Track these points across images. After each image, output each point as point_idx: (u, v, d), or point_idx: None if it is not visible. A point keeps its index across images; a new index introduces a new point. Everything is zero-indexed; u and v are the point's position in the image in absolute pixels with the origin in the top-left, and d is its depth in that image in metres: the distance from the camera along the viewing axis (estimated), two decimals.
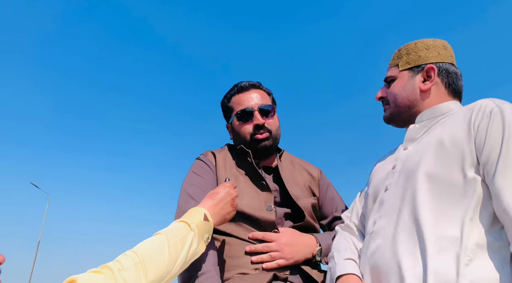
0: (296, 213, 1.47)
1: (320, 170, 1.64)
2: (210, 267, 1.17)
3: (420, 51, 1.25)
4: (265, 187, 1.43)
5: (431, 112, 1.19)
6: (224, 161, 1.50)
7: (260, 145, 1.48)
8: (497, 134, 0.96)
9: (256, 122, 1.48)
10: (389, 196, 1.13)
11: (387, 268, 1.00)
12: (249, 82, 1.57)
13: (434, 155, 1.04)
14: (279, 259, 1.28)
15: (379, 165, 1.36)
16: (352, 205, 1.42)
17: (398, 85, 1.27)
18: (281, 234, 1.34)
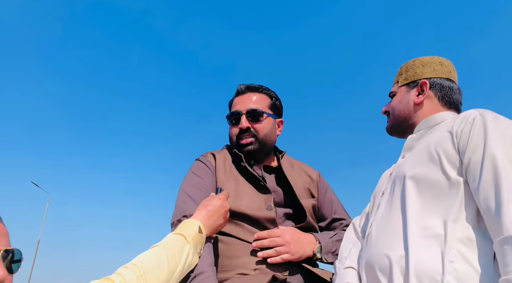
0: (297, 213, 1.48)
1: (318, 172, 1.65)
2: (207, 267, 1.17)
3: (416, 68, 1.36)
4: (264, 187, 1.43)
5: (427, 122, 1.27)
6: (223, 162, 1.51)
7: (244, 149, 1.49)
8: (479, 138, 1.02)
9: (240, 126, 1.49)
10: (383, 200, 1.23)
11: (379, 265, 1.06)
12: (246, 85, 1.57)
13: (420, 159, 1.13)
14: (284, 253, 1.29)
15: (385, 173, 1.44)
16: (363, 211, 1.48)
17: (396, 99, 1.38)
18: (285, 230, 1.35)
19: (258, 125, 1.50)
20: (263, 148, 1.51)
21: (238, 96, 1.57)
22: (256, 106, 1.51)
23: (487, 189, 0.96)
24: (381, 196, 1.25)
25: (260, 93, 1.57)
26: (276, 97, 1.61)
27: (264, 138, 1.51)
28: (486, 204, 0.95)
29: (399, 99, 1.37)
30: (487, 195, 0.95)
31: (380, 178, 1.46)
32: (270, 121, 1.55)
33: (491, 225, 0.94)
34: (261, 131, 1.50)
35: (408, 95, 1.35)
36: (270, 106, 1.57)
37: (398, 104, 1.37)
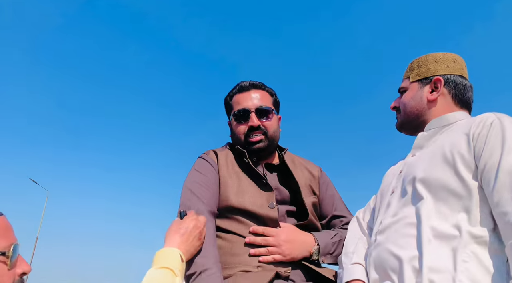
0: (299, 211, 1.48)
1: (320, 168, 1.65)
2: (212, 264, 1.18)
3: (429, 64, 1.32)
4: (266, 185, 1.43)
5: (439, 122, 1.25)
6: (226, 159, 1.51)
7: (254, 146, 1.49)
8: (496, 143, 1.02)
9: (251, 124, 1.48)
10: (394, 198, 1.21)
11: (389, 264, 1.07)
12: (250, 82, 1.57)
13: (434, 161, 1.12)
14: (276, 254, 1.30)
15: (391, 169, 1.44)
16: (368, 204, 1.48)
17: (408, 95, 1.35)
18: (281, 230, 1.36)
19: (267, 123, 1.51)
20: (271, 145, 1.52)
21: (242, 93, 1.56)
22: (264, 103, 1.52)
23: (501, 193, 0.96)
24: (391, 194, 1.24)
25: (263, 90, 1.57)
26: (275, 94, 1.62)
27: (273, 135, 1.52)
28: (500, 207, 0.96)
29: (411, 96, 1.34)
30: (500, 199, 0.96)
31: (385, 175, 1.46)
32: (276, 118, 1.57)
33: (504, 228, 0.95)
34: (271, 128, 1.51)
35: (421, 92, 1.32)
36: (273, 103, 1.58)
37: (410, 101, 1.34)
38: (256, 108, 1.49)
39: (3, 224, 0.89)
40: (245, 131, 1.50)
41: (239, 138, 1.52)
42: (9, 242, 0.88)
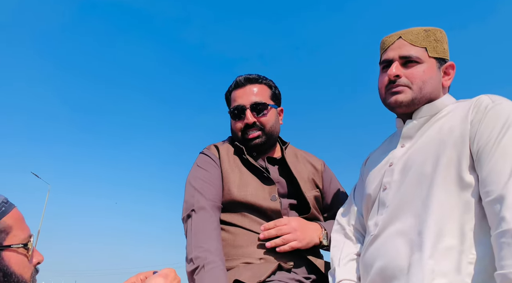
0: (301, 204, 1.48)
1: (323, 162, 1.64)
2: (215, 257, 1.19)
3: (444, 43, 1.20)
4: (267, 178, 1.43)
5: (429, 109, 1.16)
6: (227, 154, 1.51)
7: (251, 143, 1.47)
8: (489, 127, 0.99)
9: (246, 121, 1.46)
10: (390, 196, 1.13)
11: (392, 267, 1.02)
12: (245, 77, 1.53)
13: (434, 153, 1.06)
14: (292, 241, 1.30)
15: (372, 160, 1.33)
16: (346, 204, 1.41)
17: (429, 72, 1.16)
18: (292, 218, 1.37)
19: (264, 119, 1.48)
20: (269, 140, 1.50)
21: (238, 89, 1.53)
22: (259, 99, 1.49)
23: (492, 181, 0.94)
24: (383, 190, 1.16)
25: (260, 84, 1.54)
26: (275, 86, 1.58)
27: (271, 130, 1.49)
28: (489, 195, 0.93)
29: (431, 74, 1.16)
30: (491, 188, 0.93)
31: (364, 167, 1.38)
32: (274, 112, 1.53)
33: (491, 217, 0.92)
34: (267, 124, 1.48)
35: (439, 74, 1.19)
36: (271, 96, 1.54)
37: (430, 80, 1.16)
38: (251, 105, 1.47)
39: (18, 216, 0.89)
40: (242, 128, 1.48)
41: (237, 135, 1.51)
42: (27, 233, 0.88)
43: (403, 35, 1.18)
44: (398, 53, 1.17)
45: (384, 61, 1.21)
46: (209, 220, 1.30)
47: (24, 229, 0.89)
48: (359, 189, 1.37)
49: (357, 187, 1.40)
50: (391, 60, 1.18)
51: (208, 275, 1.14)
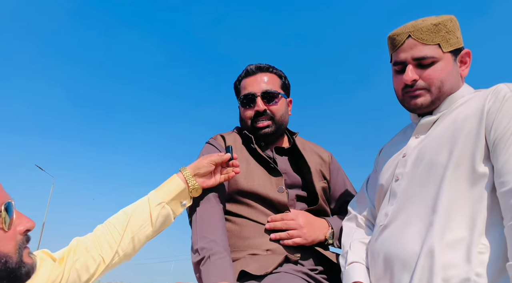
0: (309, 195, 1.46)
1: (330, 153, 1.62)
2: (221, 248, 1.18)
3: (457, 32, 1.14)
4: (274, 169, 1.41)
5: (449, 102, 1.13)
6: (234, 144, 1.49)
7: (260, 132, 1.45)
8: (507, 117, 0.96)
9: (257, 108, 1.45)
10: (402, 187, 1.11)
11: (399, 258, 1.02)
12: (256, 66, 1.52)
13: (450, 147, 1.03)
14: (296, 237, 1.29)
15: (386, 151, 1.32)
16: (359, 194, 1.41)
17: (445, 69, 1.11)
18: (299, 214, 1.35)
19: (274, 107, 1.46)
20: (278, 130, 1.48)
21: (248, 77, 1.52)
22: (270, 87, 1.47)
23: (508, 171, 0.92)
24: (395, 181, 1.15)
25: (271, 73, 1.52)
26: (285, 76, 1.56)
27: (280, 120, 1.47)
28: (505, 186, 0.91)
29: (448, 70, 1.12)
30: (507, 178, 0.91)
31: (378, 158, 1.37)
32: (284, 102, 1.52)
33: (506, 208, 0.91)
34: (278, 113, 1.46)
35: (456, 67, 1.14)
36: (281, 86, 1.53)
37: (448, 77, 1.12)
38: (262, 93, 1.45)
39: None
40: (252, 117, 1.46)
41: (246, 123, 1.49)
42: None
43: (412, 34, 1.12)
44: (411, 55, 1.12)
45: (396, 63, 1.16)
46: (214, 210, 1.29)
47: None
48: (372, 180, 1.36)
49: (370, 178, 1.39)
50: (404, 62, 1.14)
51: (214, 265, 1.12)
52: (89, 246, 1.09)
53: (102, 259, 1.09)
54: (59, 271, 1.02)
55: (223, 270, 1.11)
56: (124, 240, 1.13)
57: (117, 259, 1.12)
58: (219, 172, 1.32)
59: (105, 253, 1.10)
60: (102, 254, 1.09)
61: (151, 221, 1.17)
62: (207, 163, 1.27)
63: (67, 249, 1.08)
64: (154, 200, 1.20)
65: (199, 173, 1.26)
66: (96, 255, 1.08)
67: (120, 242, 1.12)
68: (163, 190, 1.23)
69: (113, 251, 1.11)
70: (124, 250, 1.13)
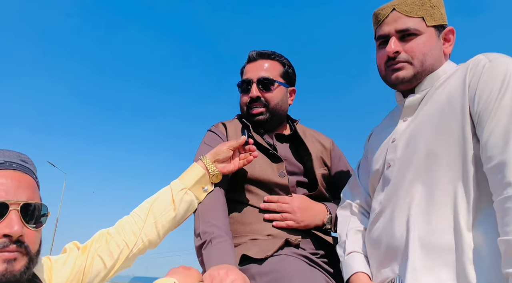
0: (309, 181, 1.47)
1: (332, 140, 1.62)
2: (222, 232, 1.20)
3: (441, 8, 1.14)
4: (275, 155, 1.42)
5: (431, 80, 1.12)
6: (235, 131, 1.50)
7: (254, 119, 1.46)
8: (488, 87, 0.95)
9: (250, 95, 1.45)
10: (393, 173, 1.10)
11: (395, 245, 1.02)
12: (258, 52, 1.52)
13: (439, 129, 1.02)
14: (290, 220, 1.31)
15: (376, 136, 1.30)
16: (351, 181, 1.40)
17: (428, 43, 1.11)
18: (295, 198, 1.36)
19: (269, 95, 1.46)
20: (273, 117, 1.48)
21: (249, 63, 1.52)
22: (267, 74, 1.47)
23: (494, 145, 0.90)
24: (387, 168, 1.13)
25: (272, 60, 1.52)
26: (289, 65, 1.55)
27: (275, 107, 1.47)
28: (492, 161, 0.90)
29: (431, 45, 1.11)
30: (493, 153, 0.90)
31: (368, 143, 1.36)
32: (282, 90, 1.51)
33: (494, 183, 0.89)
34: (272, 100, 1.46)
35: (439, 43, 1.13)
36: (282, 74, 1.52)
37: (431, 51, 1.11)
38: (258, 79, 1.45)
39: None
40: (247, 103, 1.47)
41: (243, 109, 1.51)
42: None
43: (397, 7, 1.12)
44: (395, 27, 1.12)
45: (380, 36, 1.16)
46: (216, 196, 1.31)
47: None
48: (364, 166, 1.35)
49: (361, 164, 1.38)
50: (388, 35, 1.13)
51: (216, 249, 1.14)
52: (113, 233, 1.16)
53: (126, 244, 1.14)
54: (83, 259, 1.08)
55: (224, 253, 1.13)
56: (146, 225, 1.18)
57: (141, 245, 1.17)
58: (237, 157, 1.35)
59: (128, 238, 1.15)
60: (126, 240, 1.15)
61: (174, 205, 1.22)
62: (225, 149, 1.31)
63: (91, 239, 1.14)
64: (176, 186, 1.26)
65: (218, 159, 1.30)
66: (120, 241, 1.14)
67: (143, 227, 1.18)
68: (185, 176, 1.28)
69: (136, 237, 1.16)
70: (147, 235, 1.18)
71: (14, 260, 0.82)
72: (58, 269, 1.04)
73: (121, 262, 1.14)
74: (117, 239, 1.15)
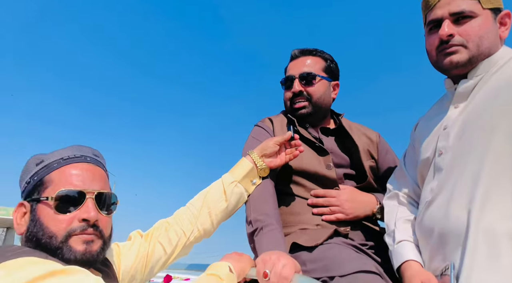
0: (357, 174, 1.49)
1: (378, 134, 1.62)
2: (273, 220, 1.24)
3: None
4: (321, 148, 1.45)
5: (487, 66, 1.07)
6: (281, 126, 1.54)
7: (298, 113, 1.50)
8: None
9: (293, 90, 1.51)
10: (446, 161, 1.08)
11: (451, 233, 0.99)
12: (300, 50, 1.58)
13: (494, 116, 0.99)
14: (338, 213, 1.33)
15: (424, 125, 1.27)
16: (398, 171, 1.38)
17: (484, 26, 1.06)
18: (342, 191, 1.39)
19: (311, 89, 1.50)
20: (317, 111, 1.52)
21: (292, 61, 1.58)
22: (309, 69, 1.52)
23: None
24: (438, 155, 1.11)
25: (314, 56, 1.56)
26: (331, 60, 1.59)
27: (318, 101, 1.51)
28: None
29: (488, 28, 1.07)
30: None
31: (415, 132, 1.33)
32: (324, 84, 1.54)
33: None
34: (315, 94, 1.50)
35: (495, 26, 1.08)
36: (324, 69, 1.55)
37: (488, 34, 1.07)
38: (299, 74, 1.50)
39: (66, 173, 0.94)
40: (290, 98, 1.52)
41: (286, 104, 1.56)
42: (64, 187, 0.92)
43: None
44: (448, 10, 1.08)
45: (431, 21, 1.13)
46: (266, 187, 1.36)
47: (65, 184, 0.92)
48: (411, 155, 1.33)
49: (408, 153, 1.36)
50: (440, 18, 1.09)
51: (267, 236, 1.19)
52: (171, 222, 1.27)
53: (183, 232, 1.24)
54: (146, 245, 1.20)
55: (275, 241, 1.18)
56: (201, 215, 1.28)
57: (197, 233, 1.27)
58: (284, 152, 1.40)
59: (185, 227, 1.25)
60: (183, 228, 1.25)
61: (225, 196, 1.31)
62: (272, 144, 1.37)
63: (152, 228, 1.26)
64: (227, 179, 1.34)
65: (265, 154, 1.37)
66: (178, 229, 1.24)
67: (198, 217, 1.27)
68: (234, 170, 1.36)
69: (192, 225, 1.26)
70: (202, 224, 1.27)
71: (92, 242, 0.91)
72: (125, 254, 1.15)
73: (179, 249, 1.24)
74: (175, 227, 1.25)
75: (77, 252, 0.88)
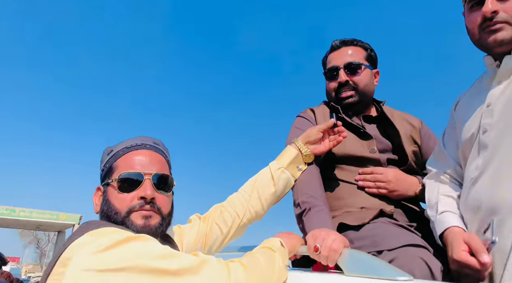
0: (399, 158, 1.52)
1: (421, 120, 1.64)
2: (320, 202, 1.31)
3: None
4: (365, 134, 1.50)
5: None
6: (322, 115, 1.60)
7: (344, 102, 1.54)
8: None
9: (339, 80, 1.54)
10: (491, 138, 1.07)
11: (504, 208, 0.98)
12: (341, 40, 1.62)
13: None
14: (383, 189, 1.38)
15: (464, 103, 1.26)
16: (437, 152, 1.37)
17: None
18: (389, 169, 1.43)
19: (356, 78, 1.54)
20: (363, 99, 1.56)
21: (333, 52, 1.62)
22: (353, 59, 1.56)
23: None
24: (483, 133, 1.10)
25: (355, 46, 1.60)
26: (371, 49, 1.62)
27: (364, 89, 1.54)
28: None
29: None
30: None
31: (455, 110, 1.31)
32: (368, 72, 1.58)
33: None
34: (360, 83, 1.54)
35: None
36: (366, 57, 1.59)
37: None
38: (344, 65, 1.54)
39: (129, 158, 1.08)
40: (336, 88, 1.56)
41: (331, 95, 1.60)
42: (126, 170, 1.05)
43: None
44: None
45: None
46: (312, 172, 1.42)
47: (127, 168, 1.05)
48: (450, 135, 1.32)
49: (447, 133, 1.36)
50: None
51: (316, 216, 1.25)
52: (225, 205, 1.38)
53: (237, 214, 1.35)
54: (204, 227, 1.32)
55: (324, 220, 1.23)
56: (252, 198, 1.37)
57: (249, 216, 1.36)
58: (327, 138, 1.46)
59: (238, 209, 1.36)
60: (236, 211, 1.36)
61: (273, 182, 1.39)
62: (315, 131, 1.43)
63: (209, 211, 1.38)
64: (274, 166, 1.43)
65: (309, 141, 1.43)
66: (232, 211, 1.35)
67: (249, 200, 1.37)
68: (281, 158, 1.44)
69: (244, 208, 1.36)
70: (253, 207, 1.37)
71: (150, 217, 1.03)
72: (186, 234, 1.28)
73: (234, 230, 1.34)
74: (230, 210, 1.36)
75: (137, 225, 1.00)
